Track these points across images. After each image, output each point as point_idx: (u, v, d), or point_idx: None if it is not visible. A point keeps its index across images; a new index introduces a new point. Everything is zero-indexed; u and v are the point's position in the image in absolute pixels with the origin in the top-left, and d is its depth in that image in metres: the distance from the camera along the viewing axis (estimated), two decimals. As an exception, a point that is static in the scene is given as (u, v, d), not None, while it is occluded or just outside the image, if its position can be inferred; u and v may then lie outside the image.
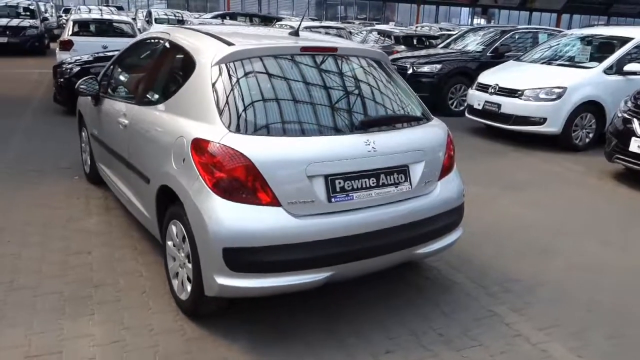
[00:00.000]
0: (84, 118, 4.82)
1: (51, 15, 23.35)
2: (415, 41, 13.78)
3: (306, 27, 12.39)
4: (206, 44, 3.07)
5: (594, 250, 4.18)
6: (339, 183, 2.72)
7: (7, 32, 16.31)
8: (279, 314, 3.03)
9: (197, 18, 19.05)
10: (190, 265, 2.77)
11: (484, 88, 7.93)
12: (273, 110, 2.76)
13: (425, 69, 9.66)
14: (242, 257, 2.54)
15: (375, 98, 3.14)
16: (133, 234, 3.96)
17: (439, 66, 9.62)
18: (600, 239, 4.41)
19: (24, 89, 10.29)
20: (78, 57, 8.45)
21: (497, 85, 7.69)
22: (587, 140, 7.46)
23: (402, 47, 12.91)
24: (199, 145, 2.66)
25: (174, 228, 2.94)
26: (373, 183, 2.82)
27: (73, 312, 2.96)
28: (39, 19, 17.79)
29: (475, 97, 8.01)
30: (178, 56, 3.28)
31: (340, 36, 12.81)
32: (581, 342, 2.95)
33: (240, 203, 2.56)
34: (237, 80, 2.79)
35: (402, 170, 2.94)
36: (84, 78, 4.23)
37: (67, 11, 21.48)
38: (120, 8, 31.94)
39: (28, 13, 18.01)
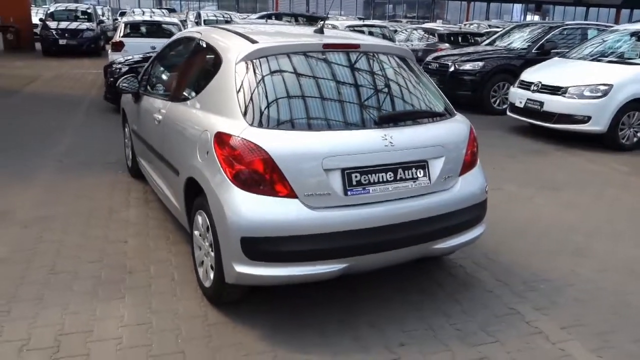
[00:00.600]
0: (126, 115, 5.07)
1: (108, 18, 24.43)
2: (460, 39, 13.57)
3: (349, 27, 12.45)
4: (232, 42, 3.20)
5: (629, 253, 4.05)
6: (356, 177, 2.77)
7: (66, 35, 17.22)
8: (298, 304, 3.12)
9: (244, 19, 19.41)
10: (212, 254, 2.90)
11: (526, 85, 7.75)
12: (292, 106, 2.85)
13: (467, 66, 9.53)
14: (259, 247, 2.64)
15: (396, 94, 3.17)
16: (167, 225, 4.15)
17: (481, 64, 9.46)
18: (637, 241, 4.26)
19: (79, 88, 10.85)
20: (128, 57, 8.84)
21: (540, 82, 7.51)
22: (635, 139, 7.17)
23: (446, 44, 12.76)
24: (221, 139, 2.78)
25: (199, 218, 3.07)
26: (390, 177, 2.86)
27: (106, 295, 3.14)
28: (95, 22, 18.66)
29: (517, 95, 7.84)
30: (207, 54, 3.42)
31: (383, 35, 12.79)
32: (604, 343, 2.89)
33: (258, 195, 2.66)
34: (259, 77, 2.90)
35: (421, 165, 2.96)
36: (125, 76, 4.45)
37: (123, 14, 22.37)
38: (172, 10, 32.99)
39: (85, 16, 18.90)
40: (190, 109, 3.31)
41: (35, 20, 19.65)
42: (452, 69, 9.62)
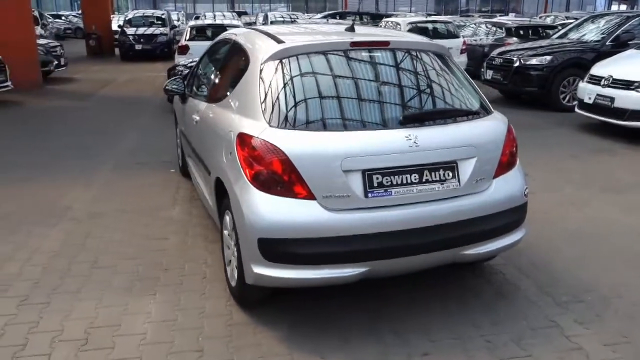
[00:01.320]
0: (176, 115, 5.24)
1: (182, 23, 25.45)
2: (529, 32, 12.91)
3: (411, 23, 12.19)
4: (260, 43, 3.20)
5: (698, 262, 3.67)
6: (377, 178, 2.69)
7: (141, 40, 18.12)
8: (323, 307, 3.08)
9: (309, 18, 19.57)
10: (237, 254, 2.92)
11: (596, 80, 7.24)
12: (313, 106, 2.81)
13: (534, 61, 9.04)
14: (276, 248, 2.62)
15: (425, 92, 3.05)
16: (208, 224, 4.23)
17: (549, 58, 8.95)
18: None
19: (149, 91, 11.37)
20: (190, 60, 9.14)
21: (611, 76, 6.99)
22: None
23: (514, 39, 12.18)
24: (242, 139, 2.79)
25: (227, 218, 3.11)
26: (415, 179, 2.75)
27: (139, 291, 3.25)
28: (168, 26, 19.50)
29: (587, 91, 7.34)
30: (239, 55, 3.45)
31: (447, 30, 12.42)
32: (652, 363, 2.63)
33: (276, 196, 2.64)
34: (282, 77, 2.88)
35: (450, 167, 2.82)
36: (171, 79, 4.59)
37: (197, 18, 23.26)
38: (244, 13, 33.86)
39: (160, 22, 19.80)
40: (222, 110, 3.35)
41: (115, 27, 20.83)
42: (517, 64, 9.17)
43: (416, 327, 2.90)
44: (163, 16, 20.58)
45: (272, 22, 19.53)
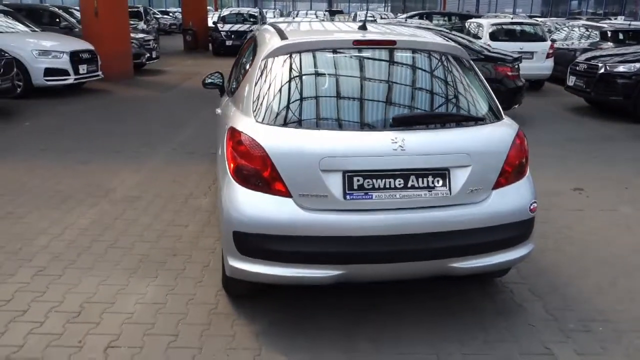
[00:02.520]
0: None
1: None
2: (629, 36, 11.82)
3: (494, 25, 11.63)
4: (267, 39, 3.22)
5: None
6: (358, 180, 2.61)
7: (232, 36, 18.87)
8: (307, 308, 3.05)
9: (394, 17, 19.34)
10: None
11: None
12: (300, 104, 2.78)
13: (621, 68, 8.29)
14: (249, 243, 2.64)
15: (424, 95, 2.91)
16: (229, 215, 4.34)
17: (638, 65, 8.15)
18: None
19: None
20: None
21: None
22: None
23: (609, 43, 11.22)
24: (231, 134, 2.83)
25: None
26: (400, 184, 2.64)
27: (143, 273, 3.41)
28: (259, 23, 20.13)
29: (674, 103, 6.61)
30: (252, 51, 3.50)
31: (535, 33, 11.71)
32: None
33: (254, 191, 2.65)
34: (277, 73, 2.87)
35: (441, 174, 2.68)
36: (210, 73, 4.75)
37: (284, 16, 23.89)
38: (339, 12, 34.14)
39: (252, 19, 20.51)
40: (231, 104, 3.42)
41: (210, 23, 21.88)
42: (602, 70, 8.45)
43: (394, 337, 2.79)
44: (256, 14, 21.30)
45: (357, 20, 19.51)
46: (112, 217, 4.30)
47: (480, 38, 10.90)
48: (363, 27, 3.29)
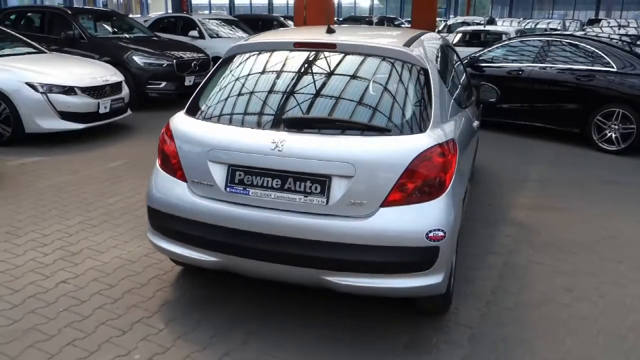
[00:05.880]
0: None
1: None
2: None
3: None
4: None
5: None
6: (239, 175, 2.72)
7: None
8: (277, 317, 3.05)
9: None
10: None
11: None
12: (213, 99, 3.02)
13: None
14: (154, 218, 2.98)
15: (338, 99, 2.79)
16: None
17: None
18: None
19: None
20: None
21: None
22: None
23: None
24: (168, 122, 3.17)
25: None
26: (277, 185, 2.65)
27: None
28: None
29: None
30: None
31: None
32: None
33: (165, 173, 2.97)
34: (215, 73, 3.17)
35: (320, 181, 2.59)
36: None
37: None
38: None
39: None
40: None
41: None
42: None
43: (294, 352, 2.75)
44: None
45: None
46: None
47: None
48: (330, 31, 3.27)
